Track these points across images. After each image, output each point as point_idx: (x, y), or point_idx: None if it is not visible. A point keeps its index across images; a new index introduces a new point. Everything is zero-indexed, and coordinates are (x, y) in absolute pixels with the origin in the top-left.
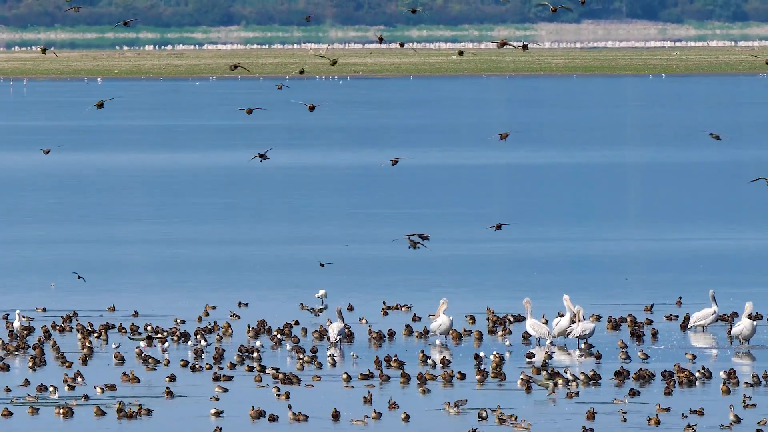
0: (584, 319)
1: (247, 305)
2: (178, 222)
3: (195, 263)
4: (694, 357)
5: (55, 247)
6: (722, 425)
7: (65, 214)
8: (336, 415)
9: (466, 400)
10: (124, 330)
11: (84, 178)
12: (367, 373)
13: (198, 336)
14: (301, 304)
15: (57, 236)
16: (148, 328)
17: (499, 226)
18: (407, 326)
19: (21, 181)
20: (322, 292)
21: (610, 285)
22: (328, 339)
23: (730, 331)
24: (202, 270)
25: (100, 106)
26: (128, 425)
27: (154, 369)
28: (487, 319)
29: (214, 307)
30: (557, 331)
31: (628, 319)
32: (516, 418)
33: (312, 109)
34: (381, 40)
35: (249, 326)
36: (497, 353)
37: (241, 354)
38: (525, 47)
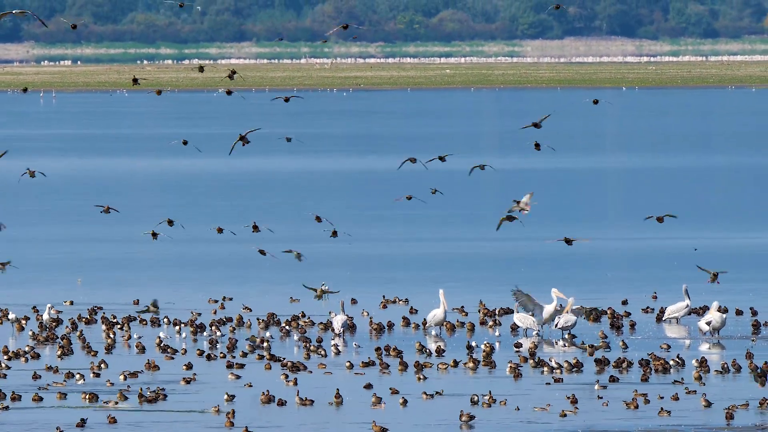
0: (573, 307)
1: (257, 299)
2: (194, 222)
3: (210, 260)
4: (669, 346)
5: (81, 245)
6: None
7: (91, 215)
8: (339, 400)
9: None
10: (144, 322)
11: (108, 182)
12: (368, 361)
13: (213, 327)
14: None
15: (83, 235)
16: (166, 319)
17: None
18: (405, 318)
19: (52, 185)
20: (324, 286)
21: (592, 280)
22: (332, 330)
23: (704, 323)
24: (216, 266)
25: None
26: (149, 408)
27: (173, 358)
28: (478, 311)
29: (230, 298)
30: (545, 317)
31: (608, 312)
32: (505, 403)
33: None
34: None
35: (259, 318)
36: (488, 343)
37: (252, 344)
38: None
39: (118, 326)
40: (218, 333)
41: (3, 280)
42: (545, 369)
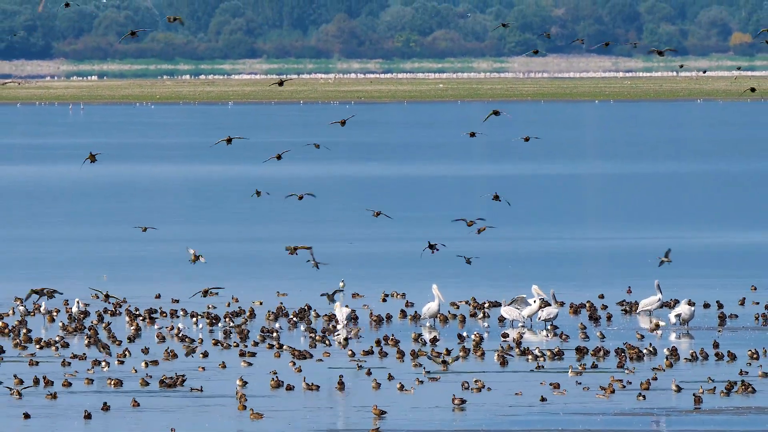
0: (555, 300)
1: (268, 293)
2: (209, 223)
3: (223, 258)
4: (642, 336)
5: (107, 244)
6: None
7: (116, 216)
8: (341, 385)
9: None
10: (164, 314)
11: (131, 186)
12: (369, 350)
13: (227, 319)
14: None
15: (109, 235)
16: (182, 311)
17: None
18: (402, 311)
19: (79, 189)
20: (341, 284)
21: (572, 276)
22: (337, 322)
23: (674, 315)
24: (230, 264)
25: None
26: (168, 393)
27: (191, 347)
28: (468, 303)
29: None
30: (527, 314)
31: (587, 305)
32: (489, 389)
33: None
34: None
35: (269, 311)
36: (477, 333)
37: (262, 334)
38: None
39: (141, 318)
40: (231, 324)
41: (36, 277)
42: (530, 357)
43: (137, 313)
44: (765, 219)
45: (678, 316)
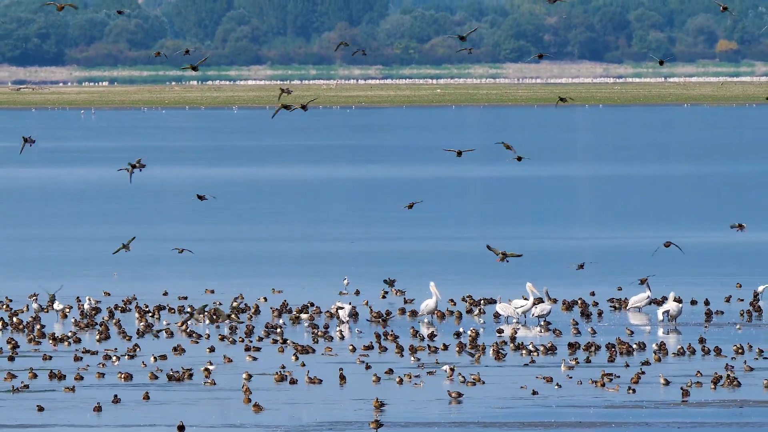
0: (548, 296)
1: (273, 291)
2: (217, 224)
3: (231, 256)
4: (632, 332)
5: (116, 243)
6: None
7: (126, 216)
8: (342, 378)
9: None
10: (172, 310)
11: (138, 188)
12: (369, 345)
13: (233, 315)
14: (340, 291)
15: (119, 235)
16: (190, 308)
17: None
18: (401, 308)
19: (91, 191)
20: (345, 281)
21: (564, 274)
22: (338, 318)
23: (662, 312)
24: (237, 262)
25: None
26: (176, 386)
27: (197, 342)
28: (464, 300)
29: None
30: (522, 311)
31: (579, 302)
32: (484, 382)
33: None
34: None
35: (273, 308)
36: (473, 329)
37: (267, 329)
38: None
39: (150, 314)
40: (237, 320)
41: (50, 275)
42: (524, 352)
43: (146, 309)
44: (750, 219)
45: (666, 312)
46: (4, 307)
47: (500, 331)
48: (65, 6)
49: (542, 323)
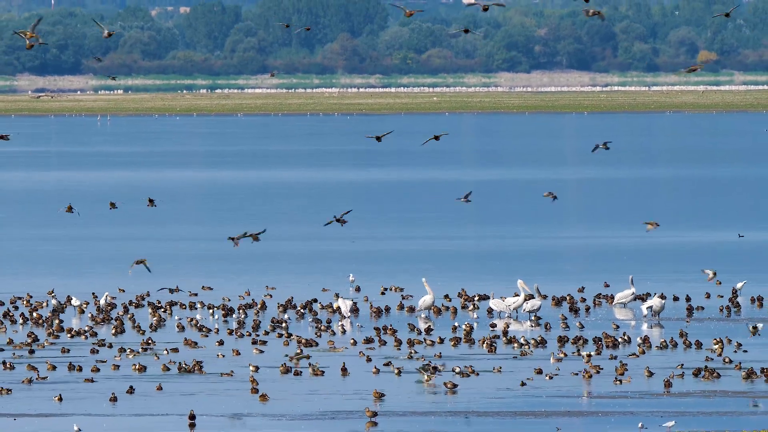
0: (539, 292)
1: (274, 288)
2: (224, 224)
3: (238, 255)
4: (617, 326)
5: (132, 243)
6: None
7: (140, 218)
8: (344, 370)
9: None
10: (183, 306)
11: (154, 190)
12: (369, 338)
13: (240, 310)
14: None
15: (134, 235)
16: (200, 303)
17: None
18: (400, 303)
19: (107, 194)
20: (351, 277)
21: (554, 272)
22: (340, 313)
23: (646, 307)
24: (244, 260)
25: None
26: (187, 377)
27: (207, 336)
28: (459, 296)
29: (272, 290)
30: (513, 307)
31: (568, 298)
32: (478, 374)
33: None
34: None
35: (279, 303)
36: (468, 323)
37: (273, 324)
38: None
39: (162, 310)
40: (244, 315)
41: (67, 273)
42: (515, 344)
43: (159, 305)
44: (730, 219)
45: (650, 308)
46: (25, 302)
47: (493, 326)
48: (31, 43)
49: (533, 318)
